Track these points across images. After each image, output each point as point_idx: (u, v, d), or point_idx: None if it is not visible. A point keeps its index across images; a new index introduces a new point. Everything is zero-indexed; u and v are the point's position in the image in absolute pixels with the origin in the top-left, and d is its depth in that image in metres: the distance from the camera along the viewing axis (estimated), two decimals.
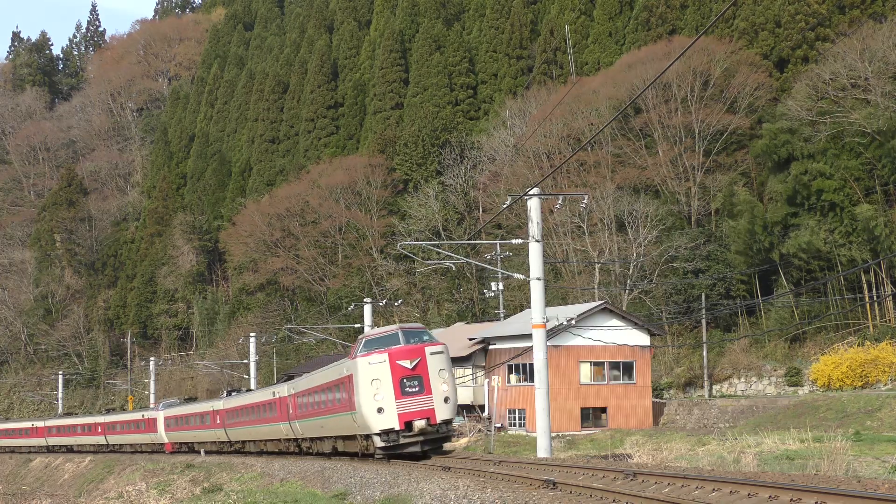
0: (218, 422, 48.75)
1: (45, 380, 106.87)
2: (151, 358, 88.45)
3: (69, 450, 73.94)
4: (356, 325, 57.17)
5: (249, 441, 45.50)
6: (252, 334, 69.53)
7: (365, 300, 52.19)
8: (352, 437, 29.74)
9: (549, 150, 66.92)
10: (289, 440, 38.52)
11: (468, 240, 63.28)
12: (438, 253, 59.74)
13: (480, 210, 73.85)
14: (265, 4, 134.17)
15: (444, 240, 68.12)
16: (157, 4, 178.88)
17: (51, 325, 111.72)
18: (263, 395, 41.51)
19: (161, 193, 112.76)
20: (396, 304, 65.73)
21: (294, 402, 36.16)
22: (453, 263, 42.21)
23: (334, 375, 30.37)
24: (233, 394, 49.26)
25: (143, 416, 62.60)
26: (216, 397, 56.90)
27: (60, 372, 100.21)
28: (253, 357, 66.69)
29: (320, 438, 34.19)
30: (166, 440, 58.40)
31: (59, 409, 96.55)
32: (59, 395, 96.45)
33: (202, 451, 52.42)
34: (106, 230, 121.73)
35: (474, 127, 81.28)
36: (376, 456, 28.33)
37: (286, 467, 33.62)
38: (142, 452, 62.30)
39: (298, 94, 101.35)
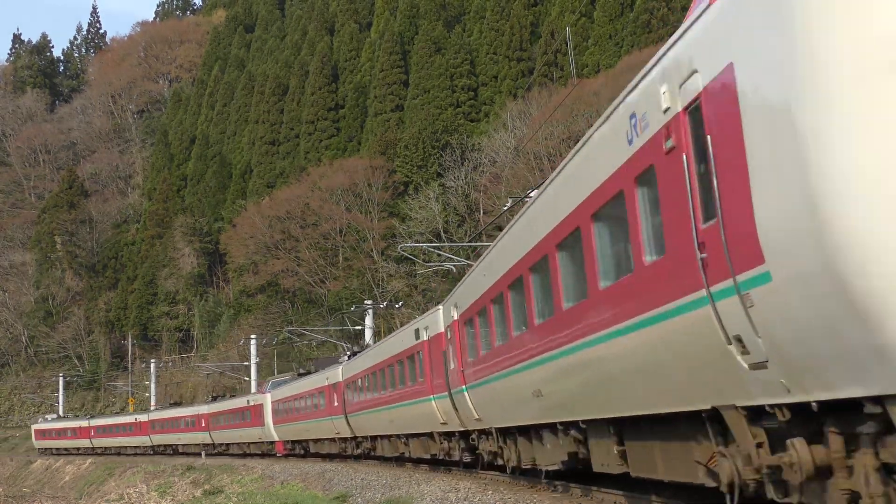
0: (335, 404, 33.88)
1: (45, 382, 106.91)
2: (152, 360, 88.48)
3: (174, 451, 66.06)
4: (357, 327, 57.17)
5: (386, 436, 28.77)
6: (253, 336, 69.59)
7: (366, 302, 52.20)
8: None
9: (550, 152, 66.95)
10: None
11: (469, 242, 63.30)
12: (439, 255, 59.73)
13: (481, 212, 73.85)
14: (266, 6, 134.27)
15: (444, 242, 68.14)
16: (158, 6, 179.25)
17: (51, 327, 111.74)
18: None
19: (162, 195, 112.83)
20: (397, 306, 65.75)
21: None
22: (454, 265, 42.14)
23: None
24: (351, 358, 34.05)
25: (248, 401, 48.91)
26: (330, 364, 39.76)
27: (61, 374, 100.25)
28: (254, 359, 66.72)
29: None
30: (276, 436, 44.75)
31: (60, 412, 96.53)
32: (60, 397, 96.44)
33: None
34: (106, 232, 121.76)
35: (475, 129, 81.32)
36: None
37: (287, 469, 33.59)
38: (251, 455, 50.11)
39: (299, 96, 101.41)
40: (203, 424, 57.74)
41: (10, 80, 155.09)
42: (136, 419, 70.91)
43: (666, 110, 8.00)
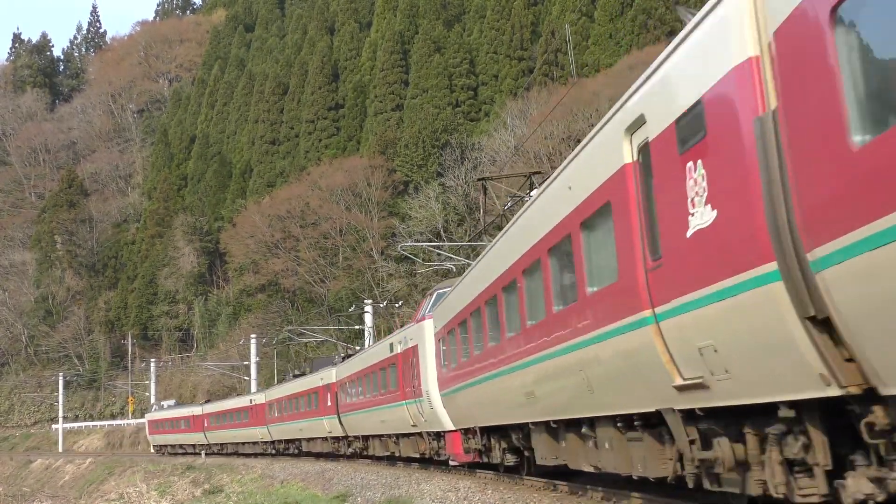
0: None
1: (45, 381, 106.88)
2: (152, 359, 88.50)
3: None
4: (357, 327, 57.20)
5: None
6: (253, 336, 69.57)
7: (366, 302, 52.21)
8: None
9: (550, 152, 66.91)
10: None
11: (469, 241, 63.26)
12: (439, 254, 59.72)
13: (482, 211, 73.74)
14: (266, 6, 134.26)
15: (444, 241, 68.11)
16: (158, 6, 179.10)
17: (51, 326, 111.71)
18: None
19: (162, 195, 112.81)
20: (397, 305, 65.76)
21: None
22: (454, 265, 42.12)
23: None
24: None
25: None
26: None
27: (61, 374, 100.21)
28: (254, 358, 66.73)
29: None
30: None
31: (60, 412, 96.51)
32: (60, 396, 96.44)
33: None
34: (107, 231, 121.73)
35: (475, 128, 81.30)
36: None
37: (286, 469, 33.59)
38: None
39: (299, 95, 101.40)
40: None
41: (10, 80, 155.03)
42: (251, 401, 52.55)
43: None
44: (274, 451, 49.67)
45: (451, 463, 22.84)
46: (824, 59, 5.69)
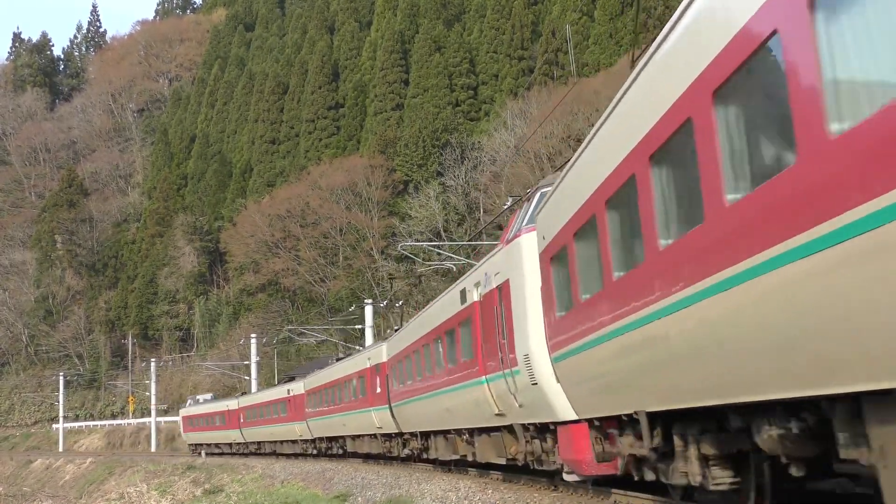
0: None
1: (45, 381, 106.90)
2: (152, 359, 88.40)
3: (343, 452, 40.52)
4: (357, 327, 57.18)
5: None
6: (253, 335, 69.54)
7: (366, 301, 52.21)
8: None
9: (551, 151, 66.90)
10: None
11: (469, 241, 63.28)
12: (439, 254, 59.74)
13: (481, 211, 73.81)
14: (266, 5, 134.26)
15: (444, 241, 68.12)
16: (158, 5, 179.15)
17: (52, 326, 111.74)
18: None
19: (162, 194, 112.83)
20: (397, 305, 65.74)
21: None
22: (454, 264, 42.11)
23: None
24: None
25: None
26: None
27: (61, 373, 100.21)
28: (254, 358, 66.71)
29: None
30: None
31: (60, 412, 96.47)
32: (61, 396, 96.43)
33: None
34: (107, 231, 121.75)
35: (475, 128, 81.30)
36: None
37: (287, 468, 33.59)
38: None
39: (299, 94, 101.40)
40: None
41: (10, 79, 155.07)
42: (289, 391, 44.70)
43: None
44: (315, 452, 41.39)
45: (569, 478, 13.83)
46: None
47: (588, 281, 10.71)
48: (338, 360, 38.91)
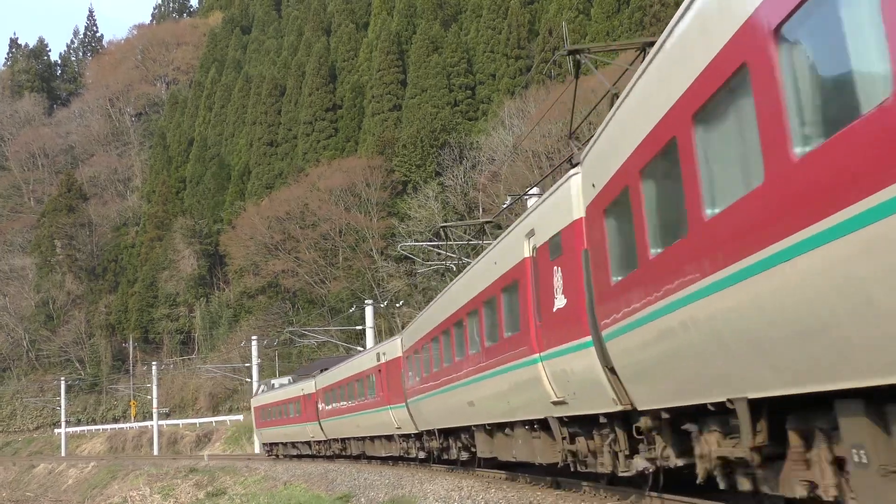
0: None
1: (47, 386, 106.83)
2: (153, 363, 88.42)
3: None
4: (357, 327, 57.21)
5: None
6: (254, 337, 69.56)
7: (366, 302, 52.24)
8: None
9: (549, 150, 66.93)
10: None
11: (468, 240, 63.28)
12: (439, 254, 59.78)
13: (480, 210, 73.84)
14: (262, 8, 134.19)
15: (444, 241, 68.14)
16: (155, 9, 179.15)
17: (52, 330, 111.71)
18: None
19: (161, 198, 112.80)
20: (398, 305, 65.80)
21: None
22: (454, 264, 42.15)
23: None
24: None
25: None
26: None
27: (63, 378, 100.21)
28: (255, 360, 66.72)
29: None
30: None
31: (62, 417, 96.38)
32: (62, 401, 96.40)
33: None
34: (106, 235, 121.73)
35: (473, 127, 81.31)
36: None
37: (290, 470, 33.61)
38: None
39: (296, 96, 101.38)
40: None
41: (7, 85, 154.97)
42: (381, 354, 30.18)
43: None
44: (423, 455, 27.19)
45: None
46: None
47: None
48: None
